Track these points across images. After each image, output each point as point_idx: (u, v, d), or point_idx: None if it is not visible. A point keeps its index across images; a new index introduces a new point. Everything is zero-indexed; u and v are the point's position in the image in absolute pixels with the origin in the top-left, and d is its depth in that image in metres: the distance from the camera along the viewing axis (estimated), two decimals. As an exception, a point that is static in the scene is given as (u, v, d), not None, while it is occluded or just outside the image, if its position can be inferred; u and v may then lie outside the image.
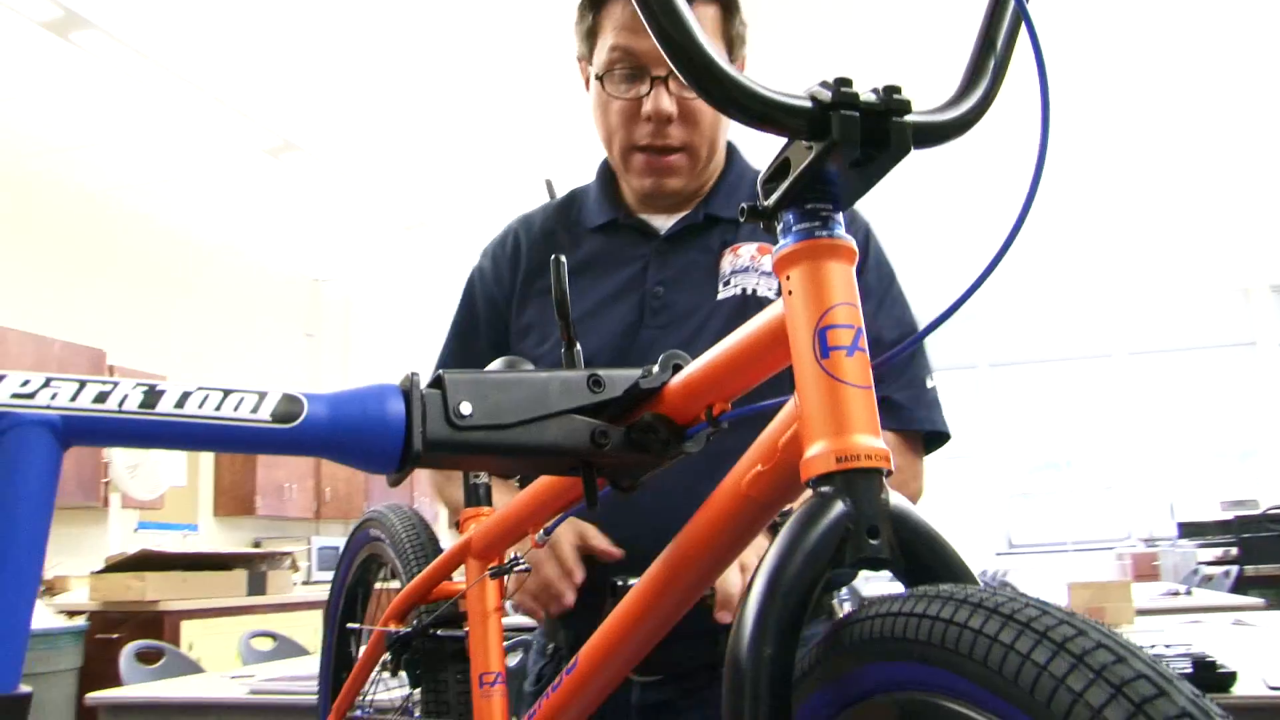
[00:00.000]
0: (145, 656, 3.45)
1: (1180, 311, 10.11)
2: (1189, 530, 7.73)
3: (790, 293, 0.71)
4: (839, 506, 0.65)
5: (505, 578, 1.19)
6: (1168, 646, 2.71)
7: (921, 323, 1.43)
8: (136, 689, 3.04)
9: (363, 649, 1.65)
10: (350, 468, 0.80)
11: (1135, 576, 9.18)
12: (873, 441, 0.66)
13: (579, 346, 0.94)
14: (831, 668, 0.62)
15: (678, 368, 0.85)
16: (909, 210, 6.97)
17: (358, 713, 1.48)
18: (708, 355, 0.81)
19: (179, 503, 7.02)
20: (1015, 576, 8.05)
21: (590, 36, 1.44)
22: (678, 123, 1.39)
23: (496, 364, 0.96)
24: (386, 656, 1.35)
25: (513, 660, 2.05)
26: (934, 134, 0.71)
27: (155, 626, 5.14)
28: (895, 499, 0.66)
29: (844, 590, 3.58)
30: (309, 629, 6.57)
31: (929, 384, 1.42)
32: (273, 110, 5.44)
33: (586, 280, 1.45)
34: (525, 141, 5.94)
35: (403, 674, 1.34)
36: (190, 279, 7.37)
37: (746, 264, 1.42)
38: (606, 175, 1.56)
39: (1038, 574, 8.28)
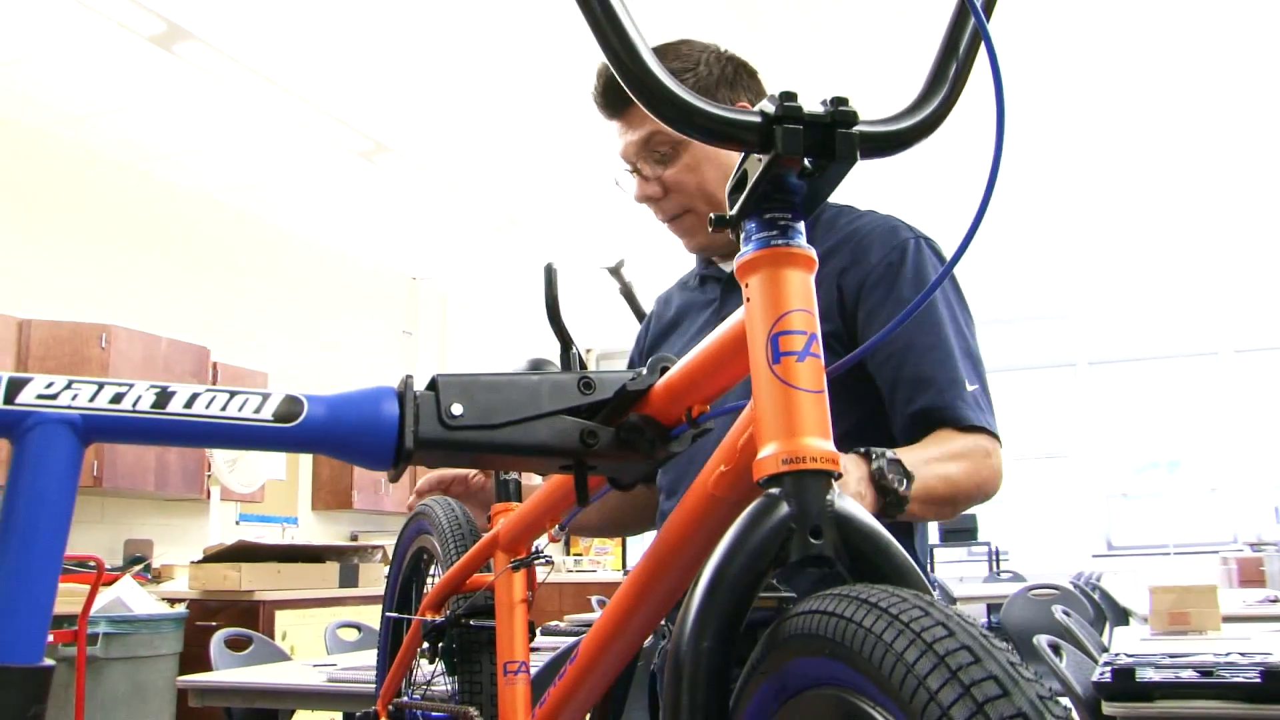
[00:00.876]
0: (234, 643, 3.59)
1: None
2: (1297, 535, 7.47)
3: (749, 299, 0.74)
4: (784, 507, 0.68)
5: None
6: (1243, 655, 2.64)
7: (980, 349, 1.49)
8: (223, 674, 3.16)
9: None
10: (351, 464, 0.86)
11: (1240, 582, 8.88)
12: (821, 444, 0.69)
13: (576, 349, 0.98)
14: (771, 661, 0.66)
15: (665, 370, 0.88)
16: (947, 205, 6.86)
17: (403, 698, 1.55)
18: (686, 359, 0.84)
19: (279, 496, 7.24)
20: (1110, 580, 7.87)
21: None
22: (668, 196, 1.54)
23: (521, 364, 1.00)
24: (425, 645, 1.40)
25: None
26: (883, 143, 0.74)
27: (251, 615, 5.31)
28: (842, 501, 0.69)
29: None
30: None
31: (969, 387, 1.41)
32: (364, 114, 5.59)
33: (681, 327, 1.67)
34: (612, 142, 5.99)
35: (440, 662, 1.40)
36: (291, 278, 7.60)
37: None
38: None
39: (1136, 577, 8.08)
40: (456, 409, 0.84)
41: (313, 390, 0.82)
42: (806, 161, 0.72)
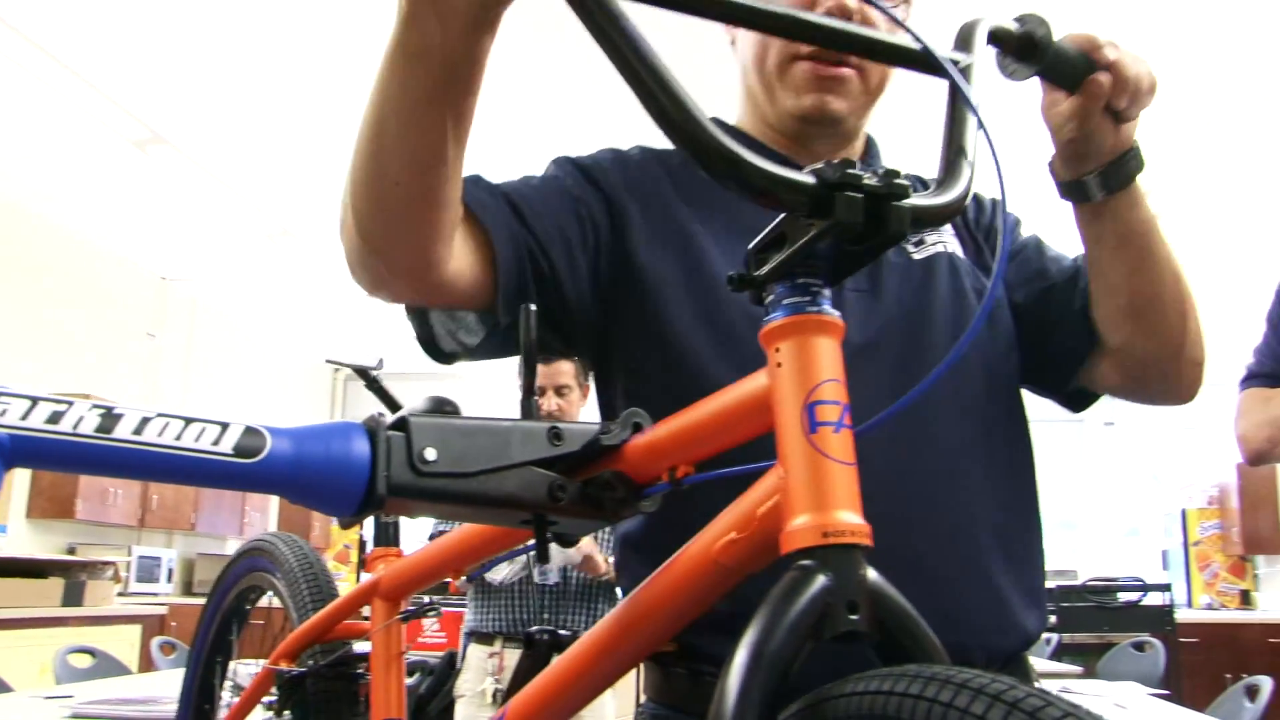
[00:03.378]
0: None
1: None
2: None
3: (779, 365, 0.72)
4: (820, 580, 0.66)
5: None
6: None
7: None
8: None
9: (228, 682, 1.59)
10: (303, 507, 0.77)
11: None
12: (855, 518, 0.68)
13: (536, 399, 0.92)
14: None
15: (638, 426, 0.85)
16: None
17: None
18: (676, 417, 0.81)
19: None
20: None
21: None
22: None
23: (424, 403, 0.94)
24: (272, 695, 1.29)
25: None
26: (928, 218, 0.74)
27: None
28: (873, 575, 0.68)
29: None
30: (126, 644, 6.26)
31: None
32: (143, 100, 5.22)
33: (719, 220, 1.18)
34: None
35: (287, 715, 1.29)
36: (28, 267, 7.00)
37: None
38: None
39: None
40: (430, 454, 0.77)
41: (18, 389, 0.71)
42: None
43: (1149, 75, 1.04)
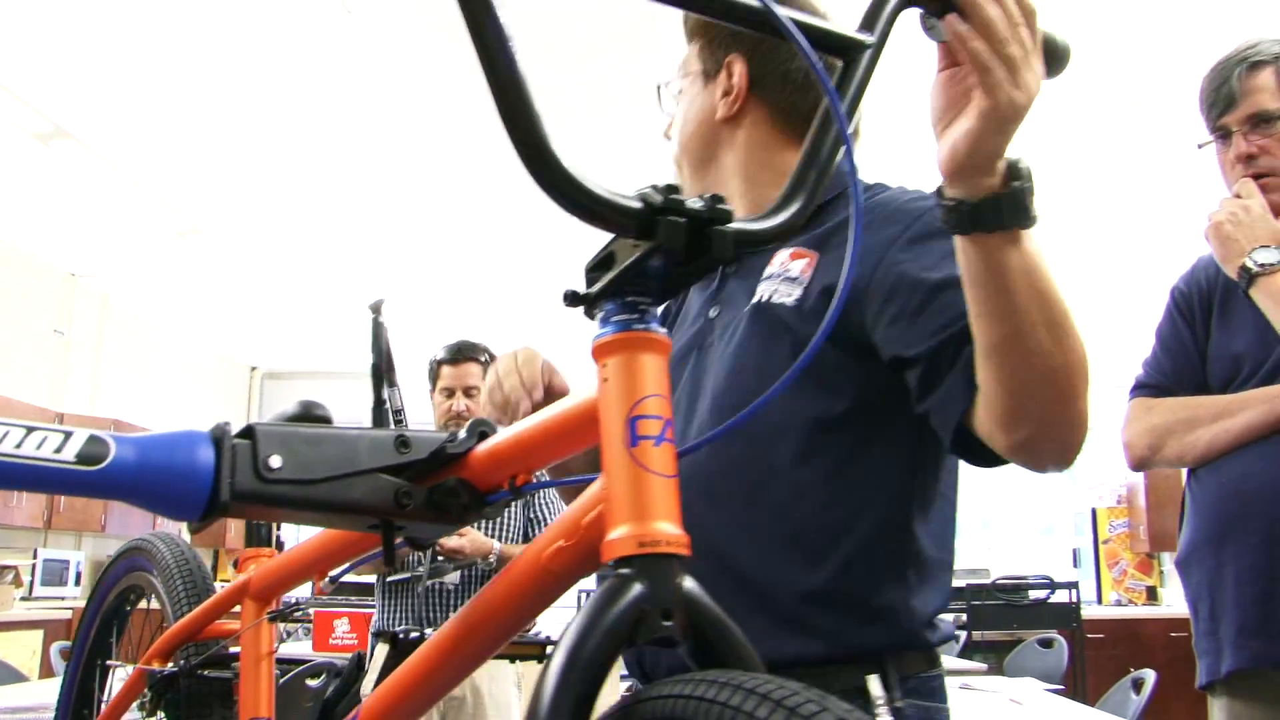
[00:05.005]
0: None
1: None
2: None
3: (606, 380, 0.75)
4: (636, 588, 0.69)
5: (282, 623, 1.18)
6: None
7: None
8: None
9: (109, 685, 1.59)
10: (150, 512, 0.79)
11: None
12: (672, 529, 0.71)
13: (390, 407, 0.95)
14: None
15: (484, 435, 0.88)
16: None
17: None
18: (517, 426, 0.84)
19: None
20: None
21: None
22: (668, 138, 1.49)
23: (293, 407, 0.96)
24: (145, 696, 1.30)
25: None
26: (752, 241, 0.77)
27: None
28: (689, 584, 0.71)
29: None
30: (27, 651, 6.13)
31: None
32: (45, 93, 5.12)
33: (681, 319, 1.50)
34: (310, 155, 5.83)
35: (161, 715, 1.30)
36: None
37: (775, 269, 1.32)
38: None
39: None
40: (275, 461, 0.80)
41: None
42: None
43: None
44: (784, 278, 1.30)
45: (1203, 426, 1.94)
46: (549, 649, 5.25)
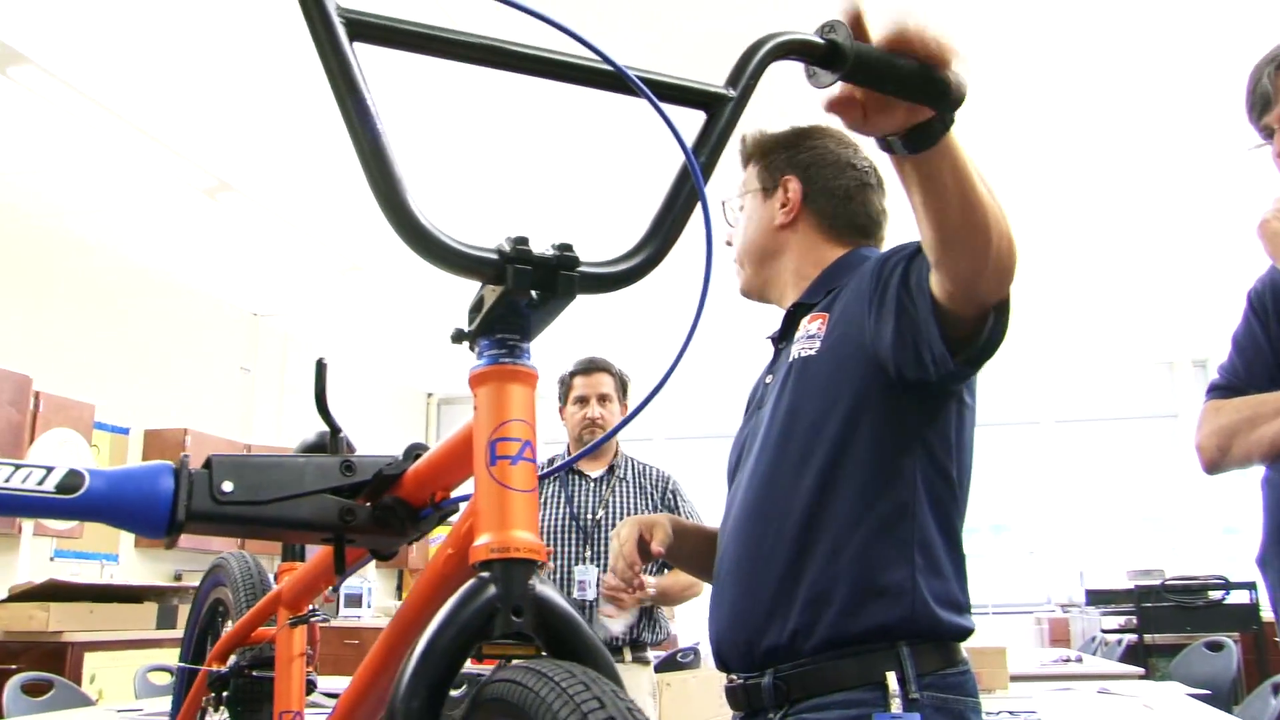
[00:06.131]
0: (33, 688, 3.49)
1: (1108, 383, 10.42)
2: (1095, 598, 7.94)
3: (476, 408, 0.87)
4: (492, 589, 0.80)
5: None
6: (1011, 714, 2.91)
7: None
8: (17, 720, 3.10)
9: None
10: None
11: (1051, 641, 9.38)
12: (527, 537, 0.82)
13: (345, 435, 1.09)
14: (473, 717, 0.78)
15: (418, 456, 1.01)
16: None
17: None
18: (434, 449, 0.97)
19: (99, 532, 6.99)
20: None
21: None
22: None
23: (313, 436, 1.11)
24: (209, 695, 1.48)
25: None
26: (600, 284, 0.87)
27: (57, 658, 5.12)
28: (543, 587, 0.82)
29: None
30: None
31: None
32: (207, 152, 5.57)
33: (753, 394, 1.77)
34: (462, 192, 6.11)
35: (223, 709, 1.48)
36: (125, 309, 7.43)
37: (801, 333, 1.62)
38: None
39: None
40: (227, 486, 0.94)
41: (149, 423, 0.90)
42: (534, 294, 0.85)
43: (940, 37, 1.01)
44: (808, 337, 1.59)
45: (1266, 423, 1.91)
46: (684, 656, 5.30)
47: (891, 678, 1.39)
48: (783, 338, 1.70)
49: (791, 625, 1.44)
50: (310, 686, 1.34)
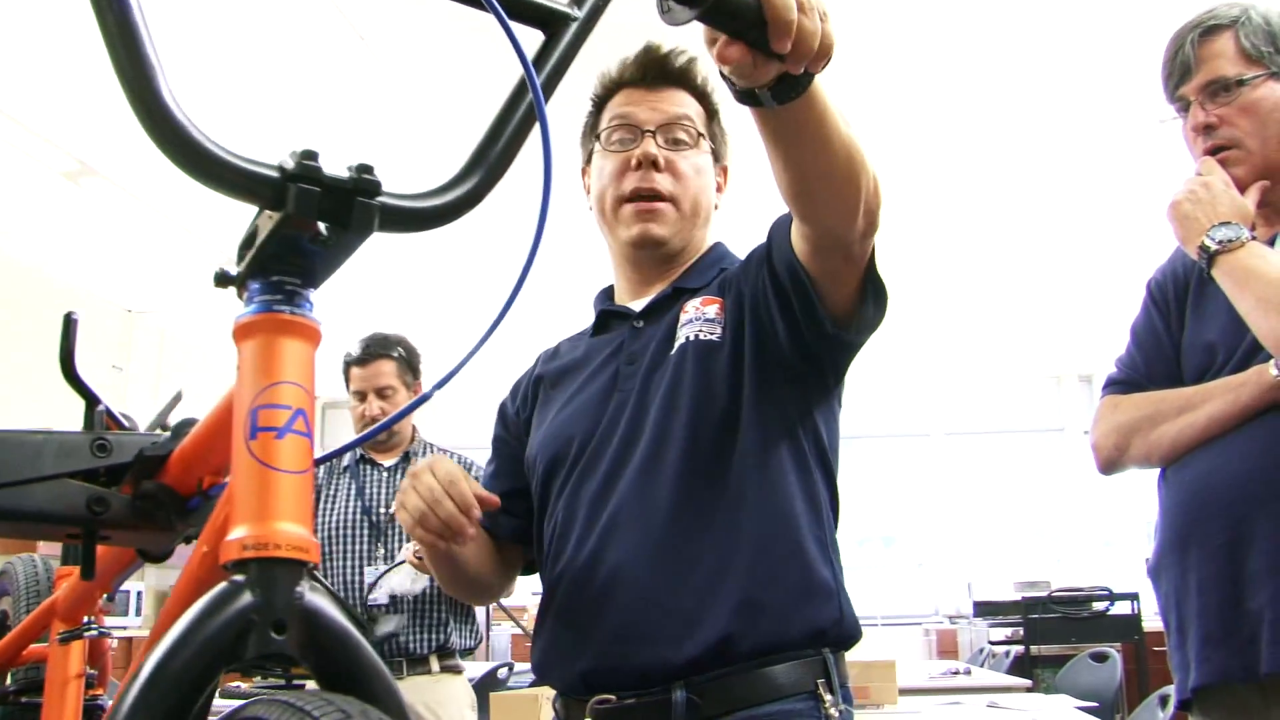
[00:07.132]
0: None
1: (996, 396, 10.53)
2: (983, 609, 7.95)
3: (239, 366, 0.69)
4: (246, 597, 0.62)
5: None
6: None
7: None
8: None
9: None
10: None
11: (939, 653, 9.42)
12: (295, 530, 0.64)
13: (104, 406, 0.89)
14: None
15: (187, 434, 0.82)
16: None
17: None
18: (196, 427, 0.78)
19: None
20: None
21: (592, 131, 1.63)
22: (664, 172, 1.54)
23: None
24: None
25: None
26: (405, 219, 0.70)
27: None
28: (313, 595, 0.64)
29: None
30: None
31: None
32: (66, 131, 5.21)
33: (571, 375, 1.61)
34: (251, 111, 5.83)
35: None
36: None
37: (691, 316, 1.51)
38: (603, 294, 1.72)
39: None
40: (-71, 468, 0.74)
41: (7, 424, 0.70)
42: (322, 227, 0.67)
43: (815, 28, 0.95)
44: (705, 320, 1.50)
45: (1167, 422, 1.80)
46: (500, 673, 5.03)
47: (823, 686, 1.33)
48: (646, 316, 1.58)
49: (719, 632, 1.31)
50: (92, 713, 1.13)
